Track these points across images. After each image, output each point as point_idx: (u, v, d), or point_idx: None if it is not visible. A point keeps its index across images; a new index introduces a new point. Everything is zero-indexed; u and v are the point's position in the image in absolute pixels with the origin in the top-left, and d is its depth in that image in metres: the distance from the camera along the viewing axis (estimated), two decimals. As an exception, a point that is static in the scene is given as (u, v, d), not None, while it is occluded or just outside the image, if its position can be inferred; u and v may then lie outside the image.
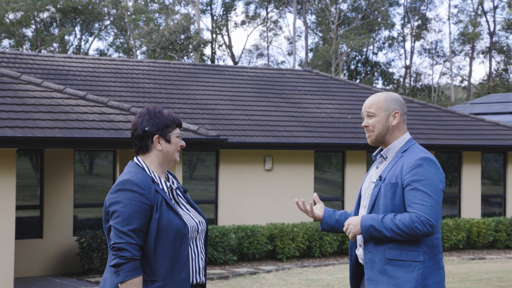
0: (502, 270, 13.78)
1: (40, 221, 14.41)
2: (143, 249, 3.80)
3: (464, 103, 45.87)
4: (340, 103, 19.42)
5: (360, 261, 4.41)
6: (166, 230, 3.80)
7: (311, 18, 53.31)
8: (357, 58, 52.90)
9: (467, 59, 56.46)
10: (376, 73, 53.83)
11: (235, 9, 54.00)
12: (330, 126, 17.46)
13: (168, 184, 3.98)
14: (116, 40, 53.94)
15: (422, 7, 54.98)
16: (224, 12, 53.62)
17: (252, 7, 54.45)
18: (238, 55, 56.50)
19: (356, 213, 4.47)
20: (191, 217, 3.99)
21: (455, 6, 58.65)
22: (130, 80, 17.98)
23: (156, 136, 3.95)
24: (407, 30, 55.16)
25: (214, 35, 52.44)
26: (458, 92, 62.55)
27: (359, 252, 4.39)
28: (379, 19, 51.40)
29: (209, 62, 48.66)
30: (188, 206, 4.07)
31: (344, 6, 51.56)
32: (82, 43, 53.20)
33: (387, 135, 4.38)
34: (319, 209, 4.57)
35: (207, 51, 52.31)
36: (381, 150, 4.48)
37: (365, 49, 52.04)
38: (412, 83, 54.72)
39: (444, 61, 56.12)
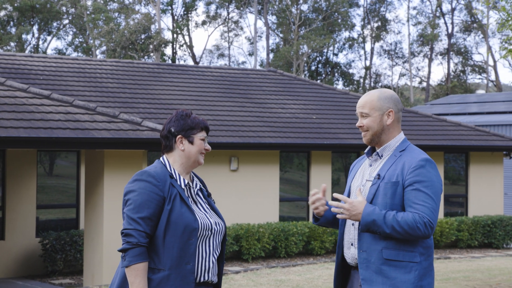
0: (468, 269, 13.93)
1: (2, 223, 14.16)
2: (153, 239, 3.96)
3: (425, 103, 46.36)
4: (304, 103, 19.45)
5: (349, 261, 4.31)
6: (176, 222, 3.96)
7: (272, 18, 53.41)
8: (318, 59, 53.14)
9: (426, 60, 57.15)
10: (336, 74, 54.14)
11: (196, 9, 53.85)
12: (295, 126, 17.47)
13: (186, 181, 4.13)
14: (75, 40, 53.38)
15: (382, 9, 55.50)
16: (185, 12, 53.41)
17: (213, 7, 54.36)
18: (199, 55, 56.33)
19: None
20: (207, 217, 4.11)
21: (414, 8, 59.33)
22: (93, 80, 17.76)
23: (179, 136, 4.13)
24: (367, 31, 55.62)
25: (175, 35, 52.20)
26: (417, 93, 63.26)
27: (351, 251, 4.28)
28: (340, 20, 51.71)
29: (170, 62, 48.36)
30: (206, 207, 4.19)
31: (305, 7, 51.76)
32: (40, 42, 52.52)
33: (382, 135, 4.31)
34: (320, 202, 4.39)
35: (168, 51, 52.08)
36: (373, 148, 4.39)
37: (325, 50, 52.30)
38: (372, 84, 55.15)
39: (404, 62, 56.72)
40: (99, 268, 12.28)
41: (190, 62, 54.05)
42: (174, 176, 4.10)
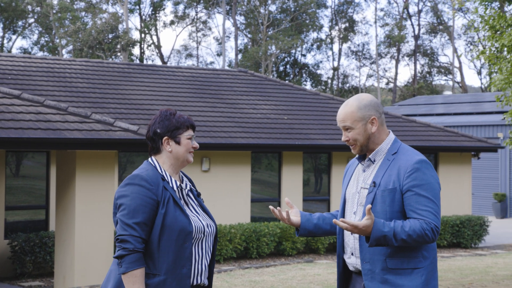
0: (439, 269, 13.99)
1: (-30, 225, 13.91)
2: (147, 243, 3.90)
3: (392, 104, 46.66)
4: (276, 103, 19.44)
5: (351, 268, 4.24)
6: (170, 226, 3.89)
7: (240, 19, 53.37)
8: (286, 59, 53.21)
9: (393, 61, 57.59)
10: (304, 75, 54.28)
11: (164, 9, 53.59)
12: (267, 127, 17.45)
13: (178, 183, 4.06)
14: (40, 39, 52.78)
15: (350, 10, 55.76)
16: (153, 12, 53.14)
17: (181, 7, 54.15)
18: (167, 55, 56.08)
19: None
20: (199, 219, 4.05)
21: (381, 9, 59.75)
22: (63, 80, 17.55)
23: (165, 137, 4.06)
24: (334, 33, 55.84)
25: (142, 35, 51.90)
26: (384, 94, 63.70)
27: (351, 260, 4.21)
28: (308, 21, 51.83)
29: (139, 62, 48.07)
30: (198, 209, 4.14)
31: (273, 8, 51.80)
32: (5, 41, 51.85)
33: (369, 143, 4.19)
34: (295, 214, 4.34)
35: (136, 51, 51.75)
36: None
37: (294, 51, 52.40)
38: (339, 84, 55.39)
39: (371, 63, 57.06)
40: (70, 270, 12.13)
41: (158, 62, 53.78)
42: (166, 178, 4.03)
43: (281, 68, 53.12)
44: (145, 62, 51.19)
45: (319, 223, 4.36)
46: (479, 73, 56.56)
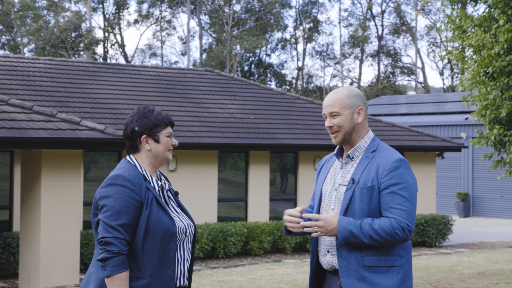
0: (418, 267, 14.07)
1: None
2: (131, 246, 3.80)
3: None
4: (242, 103, 19.40)
5: (326, 267, 4.21)
6: (154, 227, 3.80)
7: (204, 18, 53.21)
8: (250, 59, 53.21)
9: (357, 61, 57.91)
10: (269, 74, 54.32)
11: (127, 8, 53.22)
12: (234, 126, 17.40)
13: (159, 183, 3.98)
14: (1, 37, 52.02)
15: (314, 10, 55.95)
16: (117, 11, 52.73)
17: (145, 6, 53.82)
18: (131, 55, 55.71)
19: None
20: (180, 219, 3.97)
21: (346, 10, 60.09)
22: (27, 78, 17.30)
23: (144, 136, 3.95)
24: (299, 33, 56.01)
25: (106, 34, 51.47)
26: (348, 94, 64.04)
27: (327, 258, 4.17)
28: (272, 21, 51.89)
29: (105, 61, 47.64)
30: (178, 209, 4.05)
31: (237, 7, 51.76)
32: (-35, 39, 51.03)
33: (353, 134, 4.16)
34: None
35: (99, 50, 51.29)
36: (342, 148, 4.27)
37: (258, 51, 52.41)
38: (304, 84, 55.56)
39: (335, 64, 57.34)
40: (35, 271, 11.95)
41: (122, 61, 53.38)
42: (147, 178, 3.93)
43: (246, 68, 53.11)
44: (108, 61, 50.76)
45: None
46: (441, 73, 57.21)
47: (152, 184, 3.93)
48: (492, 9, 10.40)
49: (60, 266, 12.08)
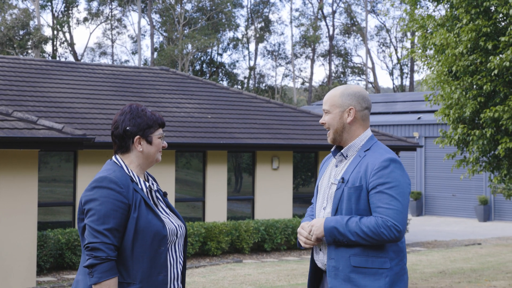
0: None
1: None
2: (120, 250, 3.61)
3: (311, 104, 47.09)
4: (199, 102, 19.21)
5: (319, 265, 4.13)
6: (144, 230, 3.63)
7: (155, 17, 52.75)
8: (202, 58, 52.95)
9: (308, 61, 58.19)
10: (221, 74, 54.14)
11: (77, 6, 52.44)
12: (191, 125, 17.21)
13: (147, 184, 3.81)
14: None
15: (265, 10, 55.96)
16: (66, 9, 51.92)
17: (94, 4, 53.12)
18: (81, 53, 54.93)
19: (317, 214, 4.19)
20: (170, 221, 3.80)
21: (297, 10, 60.20)
22: (-23, 76, 16.82)
23: (138, 137, 3.78)
24: (251, 32, 55.95)
25: (55, 32, 50.62)
26: (300, 94, 64.29)
27: (320, 257, 4.10)
28: (224, 20, 51.72)
29: (56, 59, 46.86)
30: (167, 210, 3.89)
31: (189, 6, 51.43)
32: None
33: (344, 133, 4.10)
34: None
35: (48, 48, 50.42)
36: (340, 147, 4.20)
37: (210, 50, 52.19)
38: (256, 84, 55.52)
39: (287, 63, 57.45)
40: (-10, 275, 11.59)
41: (72, 60, 52.56)
42: (135, 179, 3.76)
43: (198, 67, 52.83)
44: (58, 59, 49.95)
45: None
46: (391, 74, 57.81)
47: (139, 186, 3.76)
48: (455, 9, 10.44)
49: (17, 269, 11.74)
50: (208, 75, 52.73)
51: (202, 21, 50.60)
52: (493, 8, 10.23)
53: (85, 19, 52.67)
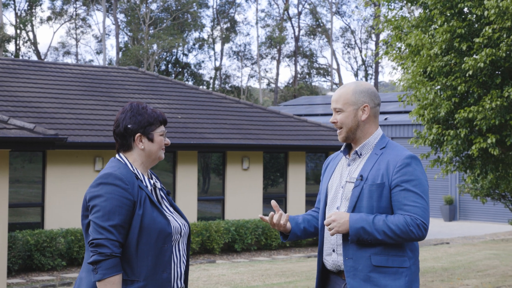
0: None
1: None
2: (124, 247, 3.58)
3: (278, 105, 47.15)
4: (169, 102, 19.11)
5: (329, 267, 4.05)
6: (149, 228, 3.60)
7: (121, 16, 52.37)
8: (167, 58, 52.71)
9: (274, 62, 58.35)
10: (186, 74, 53.96)
11: (40, 4, 51.84)
12: (161, 125, 17.09)
13: (152, 182, 3.78)
14: None
15: (231, 10, 55.93)
16: (29, 7, 51.29)
17: (58, 3, 52.59)
18: (44, 53, 54.30)
19: (324, 215, 4.10)
20: (175, 219, 3.77)
21: (263, 11, 60.15)
22: None
23: (138, 134, 3.76)
24: (216, 33, 55.84)
25: (18, 31, 49.97)
26: (266, 95, 64.34)
27: (332, 257, 4.01)
28: (190, 21, 51.55)
29: (24, 58, 46.24)
30: (171, 208, 3.86)
31: (154, 6, 51.17)
32: None
33: (358, 131, 4.02)
34: (286, 219, 4.11)
35: (11, 47, 49.73)
36: (350, 145, 4.13)
37: (175, 50, 51.97)
38: (222, 84, 55.44)
39: (252, 64, 57.47)
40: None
41: (35, 59, 51.92)
42: (139, 176, 3.74)
43: (163, 67, 52.58)
44: (20, 58, 49.32)
45: (306, 227, 4.21)
46: (356, 75, 58.16)
47: (144, 183, 3.74)
48: (429, 10, 10.52)
49: (-14, 272, 11.54)
50: (173, 75, 52.52)
51: (168, 21, 50.37)
52: (467, 10, 10.33)
53: (49, 18, 52.09)
